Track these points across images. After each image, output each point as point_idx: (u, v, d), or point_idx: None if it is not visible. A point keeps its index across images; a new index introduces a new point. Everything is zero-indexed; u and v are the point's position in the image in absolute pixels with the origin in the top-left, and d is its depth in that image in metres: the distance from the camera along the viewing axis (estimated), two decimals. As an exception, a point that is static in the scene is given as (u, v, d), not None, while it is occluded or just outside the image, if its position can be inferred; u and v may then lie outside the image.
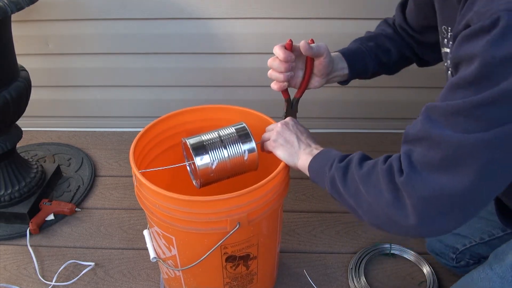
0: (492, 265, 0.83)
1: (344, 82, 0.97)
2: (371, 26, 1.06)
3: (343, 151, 0.75)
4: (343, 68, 0.93)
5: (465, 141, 0.56)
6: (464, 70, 0.56)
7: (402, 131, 0.66)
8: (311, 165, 0.78)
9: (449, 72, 0.71)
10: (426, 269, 1.10)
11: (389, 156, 0.69)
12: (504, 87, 0.52)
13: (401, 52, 0.97)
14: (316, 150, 0.80)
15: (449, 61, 0.66)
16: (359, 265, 1.12)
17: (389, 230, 0.68)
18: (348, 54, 0.94)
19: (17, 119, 1.23)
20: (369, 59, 0.95)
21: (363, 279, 1.08)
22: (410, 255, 1.14)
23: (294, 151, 0.82)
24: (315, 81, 0.92)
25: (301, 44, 0.85)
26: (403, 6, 0.97)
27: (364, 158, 0.73)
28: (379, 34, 0.99)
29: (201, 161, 0.82)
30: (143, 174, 0.82)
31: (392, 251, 1.16)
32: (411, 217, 0.61)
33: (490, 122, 0.54)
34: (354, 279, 1.08)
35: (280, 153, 0.84)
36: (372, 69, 0.96)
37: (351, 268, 1.11)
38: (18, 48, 1.19)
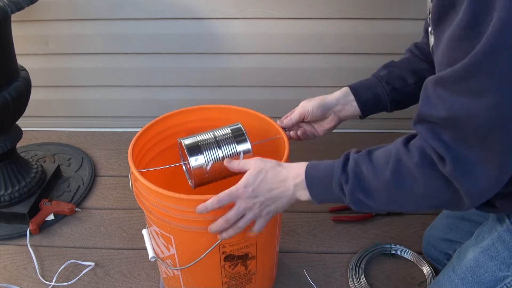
0: (455, 267, 0.83)
1: (362, 117, 0.95)
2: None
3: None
4: (347, 102, 0.91)
5: (491, 105, 0.51)
6: (453, 16, 0.52)
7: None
8: (313, 195, 0.71)
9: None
10: (426, 269, 1.10)
11: (406, 144, 0.64)
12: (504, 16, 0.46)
13: (419, 74, 0.90)
14: (298, 178, 0.71)
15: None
16: (359, 265, 1.12)
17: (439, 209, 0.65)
18: (354, 86, 0.92)
19: (17, 119, 1.23)
20: (380, 88, 0.90)
21: (363, 279, 1.08)
22: (410, 255, 1.14)
23: (282, 203, 0.73)
24: (322, 126, 0.93)
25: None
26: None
27: (369, 154, 0.68)
28: (395, 62, 0.95)
29: (196, 161, 0.82)
30: (141, 173, 0.82)
31: (392, 251, 1.16)
32: (466, 201, 0.60)
33: (504, 73, 0.49)
34: (354, 279, 1.08)
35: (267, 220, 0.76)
36: (389, 98, 0.90)
37: (351, 268, 1.11)
38: (18, 48, 1.19)
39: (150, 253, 0.90)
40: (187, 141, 0.84)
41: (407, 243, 1.18)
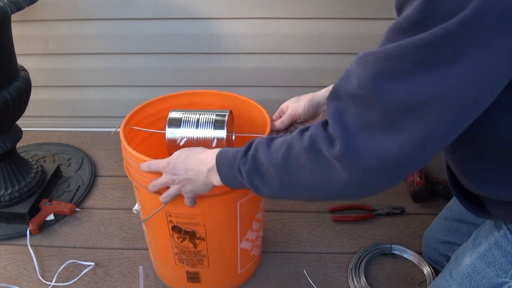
0: (452, 271, 0.82)
1: None
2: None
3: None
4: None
5: (408, 93, 0.50)
6: (405, 11, 0.50)
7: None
8: (223, 180, 0.73)
9: None
10: (426, 269, 1.10)
11: (302, 132, 0.62)
12: (453, 24, 0.46)
13: None
14: (210, 163, 0.74)
15: None
16: (359, 265, 1.12)
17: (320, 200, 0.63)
18: None
19: (17, 119, 1.23)
20: None
21: (363, 279, 1.08)
22: (410, 255, 1.14)
23: (198, 185, 0.77)
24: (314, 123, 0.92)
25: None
26: None
27: (270, 141, 0.67)
28: None
29: (171, 134, 0.88)
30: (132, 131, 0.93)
31: (392, 251, 1.16)
32: (351, 188, 0.58)
33: (432, 66, 0.48)
34: (354, 279, 1.08)
35: (189, 188, 0.79)
36: None
37: (351, 268, 1.11)
38: (18, 48, 1.18)
39: (135, 206, 1.00)
40: (172, 114, 0.90)
41: (407, 243, 1.18)
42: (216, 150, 0.75)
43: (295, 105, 0.90)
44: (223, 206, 0.90)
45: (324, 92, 0.91)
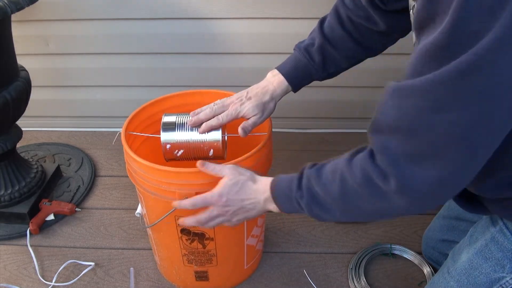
0: (449, 268, 0.82)
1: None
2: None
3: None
4: (283, 92, 0.90)
5: (451, 124, 0.50)
6: (431, 29, 0.49)
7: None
8: (281, 209, 0.75)
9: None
10: (426, 269, 1.10)
11: (350, 160, 0.64)
12: (483, 47, 0.45)
13: (352, 58, 0.90)
14: (266, 193, 0.75)
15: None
16: (359, 265, 1.12)
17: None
18: (289, 78, 0.89)
19: (17, 119, 1.23)
20: (315, 74, 0.89)
21: (363, 279, 1.08)
22: (410, 255, 1.14)
23: (253, 213, 0.78)
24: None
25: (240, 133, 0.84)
26: None
27: (318, 171, 0.68)
28: (329, 38, 0.89)
29: (165, 137, 0.86)
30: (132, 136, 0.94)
31: (392, 251, 1.16)
32: (411, 211, 0.61)
33: (471, 96, 0.48)
34: (354, 279, 1.08)
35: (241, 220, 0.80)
36: (321, 79, 0.92)
37: (351, 268, 1.11)
38: (18, 48, 1.18)
39: (138, 210, 1.00)
40: (166, 118, 0.88)
41: (407, 243, 1.18)
42: (268, 179, 0.76)
43: (258, 118, 0.87)
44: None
45: (276, 91, 0.88)
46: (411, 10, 0.66)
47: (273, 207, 0.75)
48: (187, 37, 1.46)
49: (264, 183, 0.76)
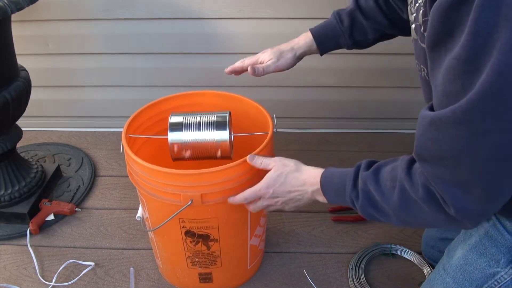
0: (445, 265, 0.83)
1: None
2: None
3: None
4: (311, 51, 0.98)
5: (492, 147, 0.52)
6: (450, 44, 0.50)
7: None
8: (331, 201, 0.78)
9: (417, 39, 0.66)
10: (426, 269, 1.10)
11: (409, 171, 0.64)
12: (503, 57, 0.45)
13: (379, 31, 0.96)
14: (315, 186, 0.78)
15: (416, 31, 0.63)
16: (359, 265, 1.12)
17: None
18: (318, 36, 0.97)
19: (17, 119, 1.23)
20: (343, 40, 0.96)
21: (363, 279, 1.08)
22: (410, 255, 1.14)
23: (302, 203, 0.81)
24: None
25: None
26: None
27: (375, 174, 0.69)
28: (359, 6, 0.96)
29: (172, 137, 0.87)
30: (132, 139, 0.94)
31: (392, 251, 1.16)
32: (468, 225, 0.63)
33: (505, 116, 0.49)
34: (354, 279, 1.08)
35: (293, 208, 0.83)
36: (348, 47, 0.98)
37: (351, 268, 1.11)
38: (18, 48, 1.18)
39: (138, 213, 0.99)
40: (173, 118, 0.89)
41: (407, 243, 1.18)
42: (317, 172, 0.77)
43: (280, 63, 0.97)
44: (235, 207, 0.89)
45: (302, 46, 0.98)
46: (413, 25, 0.67)
47: (321, 198, 0.78)
48: (187, 37, 1.46)
49: (312, 175, 0.78)
